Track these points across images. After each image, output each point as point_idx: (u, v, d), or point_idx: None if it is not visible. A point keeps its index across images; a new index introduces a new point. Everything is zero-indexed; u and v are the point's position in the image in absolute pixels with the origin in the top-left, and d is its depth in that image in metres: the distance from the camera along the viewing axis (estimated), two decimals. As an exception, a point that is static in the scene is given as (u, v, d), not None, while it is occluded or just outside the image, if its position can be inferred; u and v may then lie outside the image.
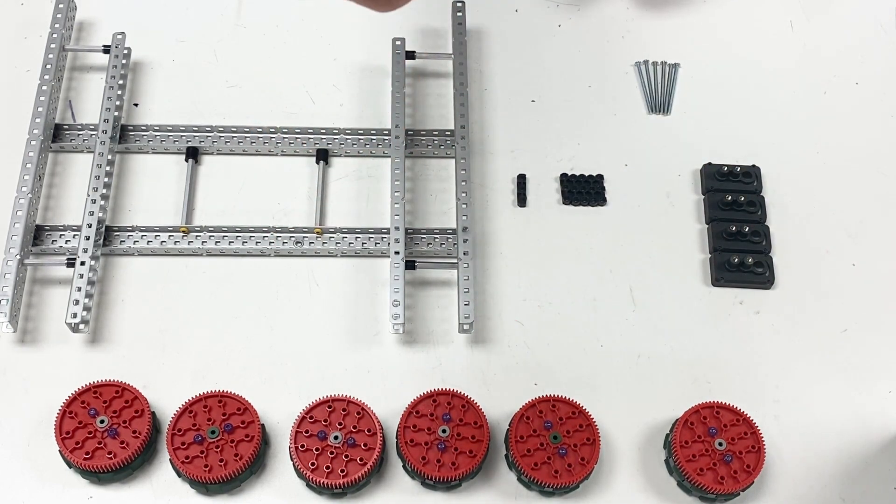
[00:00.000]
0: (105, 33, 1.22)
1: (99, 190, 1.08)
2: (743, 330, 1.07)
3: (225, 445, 0.95)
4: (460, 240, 1.07)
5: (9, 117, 1.15)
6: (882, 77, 1.24)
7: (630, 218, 1.13)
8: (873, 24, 1.28)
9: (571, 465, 0.95)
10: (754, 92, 1.22)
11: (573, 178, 1.14)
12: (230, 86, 1.20)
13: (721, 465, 0.96)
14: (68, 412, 0.95)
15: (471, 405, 0.97)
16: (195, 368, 1.02)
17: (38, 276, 1.07)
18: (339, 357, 1.04)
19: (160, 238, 1.08)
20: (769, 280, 1.09)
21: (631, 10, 1.27)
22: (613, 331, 1.06)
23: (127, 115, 1.17)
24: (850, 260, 1.11)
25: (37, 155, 1.09)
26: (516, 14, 1.26)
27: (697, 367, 1.05)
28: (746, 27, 1.27)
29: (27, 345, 1.03)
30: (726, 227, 1.10)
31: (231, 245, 1.08)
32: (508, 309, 1.07)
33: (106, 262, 1.08)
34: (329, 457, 0.94)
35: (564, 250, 1.11)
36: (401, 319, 1.02)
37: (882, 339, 1.07)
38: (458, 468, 0.95)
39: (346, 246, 1.09)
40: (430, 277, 1.09)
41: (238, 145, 1.15)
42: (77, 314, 1.00)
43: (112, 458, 0.94)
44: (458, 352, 1.05)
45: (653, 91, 1.21)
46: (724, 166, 1.14)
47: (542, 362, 1.04)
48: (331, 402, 0.97)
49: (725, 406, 0.98)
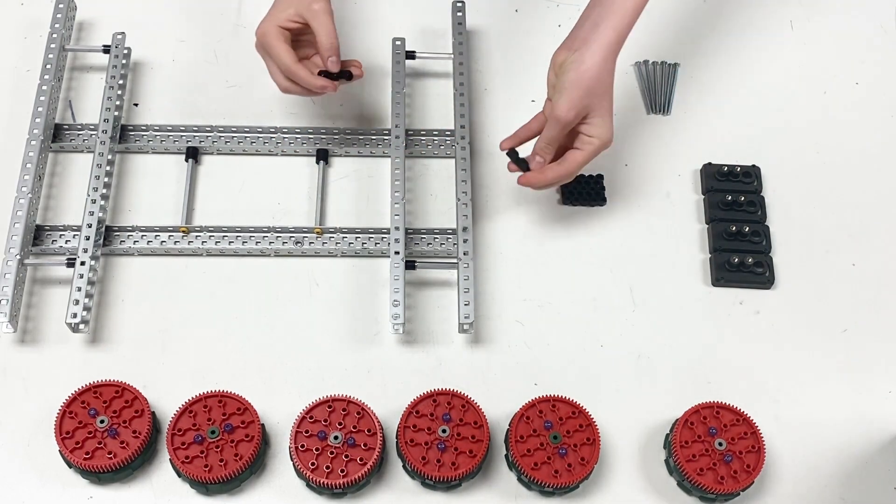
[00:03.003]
0: (105, 33, 1.22)
1: (99, 190, 1.08)
2: (743, 330, 1.07)
3: (225, 445, 0.95)
4: (460, 240, 1.07)
5: (9, 117, 1.15)
6: (882, 77, 1.24)
7: (630, 218, 1.13)
8: (873, 24, 1.28)
9: (571, 465, 0.95)
10: (754, 92, 1.22)
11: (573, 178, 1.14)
12: (230, 86, 1.20)
13: (721, 465, 0.95)
14: (68, 412, 0.95)
15: (471, 405, 0.97)
16: (195, 368, 1.02)
17: (38, 276, 1.07)
18: (339, 357, 1.04)
19: (160, 238, 1.08)
20: (769, 280, 1.09)
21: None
22: (613, 331, 1.06)
23: (127, 115, 1.17)
24: (850, 260, 1.11)
25: (37, 155, 1.09)
26: (516, 14, 1.26)
27: (697, 367, 1.05)
28: (746, 27, 1.27)
29: (27, 345, 1.03)
30: (726, 227, 1.10)
31: (231, 245, 1.08)
32: (508, 309, 1.07)
33: (106, 262, 1.08)
34: (329, 457, 0.94)
35: (564, 250, 1.11)
36: (401, 319, 1.02)
37: (882, 339, 1.07)
38: (458, 468, 0.95)
39: (346, 246, 1.09)
40: (430, 277, 1.09)
41: (238, 145, 1.15)
42: (77, 314, 1.00)
43: (112, 458, 0.94)
44: (458, 352, 1.05)
45: (653, 91, 1.21)
46: (724, 166, 1.14)
47: (542, 362, 1.04)
48: (331, 402, 0.97)
49: (725, 406, 0.98)
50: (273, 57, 1.04)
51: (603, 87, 1.00)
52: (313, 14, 1.03)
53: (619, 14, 1.00)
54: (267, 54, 1.05)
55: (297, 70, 1.03)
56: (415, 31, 1.24)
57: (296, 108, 1.18)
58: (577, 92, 0.99)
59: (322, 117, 1.17)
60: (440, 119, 1.18)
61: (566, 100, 0.99)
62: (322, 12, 1.02)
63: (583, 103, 0.99)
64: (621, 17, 1.00)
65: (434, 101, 1.20)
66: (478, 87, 1.21)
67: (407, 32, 1.22)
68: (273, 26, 1.03)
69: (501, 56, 1.23)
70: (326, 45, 1.03)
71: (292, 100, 1.18)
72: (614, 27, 0.99)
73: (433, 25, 1.25)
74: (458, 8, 1.22)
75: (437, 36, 1.24)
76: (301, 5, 1.03)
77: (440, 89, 1.21)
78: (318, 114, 1.18)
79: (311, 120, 1.17)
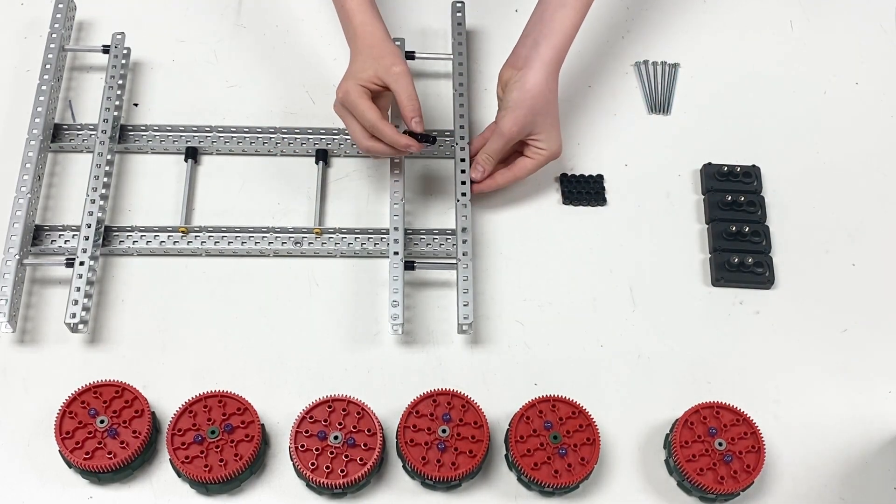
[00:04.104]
0: (105, 33, 1.22)
1: (98, 190, 1.08)
2: (743, 330, 1.07)
3: (225, 445, 0.95)
4: (459, 240, 1.07)
5: (9, 117, 1.15)
6: (882, 77, 1.24)
7: (630, 218, 1.13)
8: (873, 24, 1.28)
9: (571, 465, 0.95)
10: (754, 92, 1.22)
11: (573, 178, 1.14)
12: (230, 86, 1.20)
13: (721, 465, 0.95)
14: (68, 412, 0.95)
15: (471, 405, 0.97)
16: (195, 368, 1.02)
17: (37, 275, 1.07)
18: (338, 357, 1.04)
19: (159, 238, 1.08)
20: (769, 280, 1.09)
21: (631, 10, 1.27)
22: (613, 331, 1.06)
23: (127, 115, 1.17)
24: (850, 260, 1.11)
25: (36, 155, 1.09)
26: (516, 14, 1.26)
27: (697, 367, 1.05)
28: (746, 27, 1.27)
29: (26, 345, 1.03)
30: (726, 227, 1.10)
31: (230, 245, 1.08)
32: (508, 309, 1.07)
33: (105, 262, 1.08)
34: (329, 457, 0.94)
35: (564, 250, 1.11)
36: (400, 320, 1.02)
37: (882, 339, 1.07)
38: (458, 468, 0.95)
39: (346, 246, 1.09)
40: (429, 278, 1.08)
41: (238, 145, 1.14)
42: (76, 314, 1.00)
43: (112, 458, 0.94)
44: (458, 352, 1.05)
45: (653, 91, 1.21)
46: (724, 166, 1.14)
47: (542, 362, 1.04)
48: (331, 402, 0.97)
49: (725, 406, 0.98)
50: (357, 115, 1.03)
51: (546, 103, 1.06)
52: (394, 77, 1.03)
53: (558, 33, 1.06)
54: (348, 113, 1.04)
55: (384, 127, 1.02)
56: (414, 32, 1.24)
57: (295, 108, 1.18)
58: (520, 111, 1.05)
59: (321, 118, 1.17)
60: (439, 119, 1.18)
61: (511, 118, 1.06)
62: (402, 75, 1.03)
63: (527, 120, 1.06)
64: (560, 35, 1.06)
65: (434, 102, 1.20)
66: (477, 87, 1.21)
67: (406, 33, 1.22)
68: (355, 85, 1.03)
69: (501, 56, 1.22)
70: (409, 107, 1.03)
71: (292, 100, 1.18)
72: (553, 46, 1.05)
73: (433, 25, 1.25)
74: (457, 8, 1.22)
75: (437, 36, 1.24)
76: (380, 68, 1.03)
77: (440, 89, 1.21)
78: (318, 114, 1.18)
79: (310, 120, 1.17)
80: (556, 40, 1.05)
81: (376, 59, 1.03)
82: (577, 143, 1.17)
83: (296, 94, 1.19)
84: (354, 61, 1.05)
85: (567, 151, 1.16)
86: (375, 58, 1.03)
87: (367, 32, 1.05)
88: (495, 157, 1.08)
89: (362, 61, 1.04)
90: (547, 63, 1.05)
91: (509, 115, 1.05)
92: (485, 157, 1.08)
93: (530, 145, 1.08)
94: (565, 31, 1.06)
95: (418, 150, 1.04)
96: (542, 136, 1.07)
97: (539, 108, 1.05)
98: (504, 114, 1.06)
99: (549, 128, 1.07)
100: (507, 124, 1.05)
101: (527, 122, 1.05)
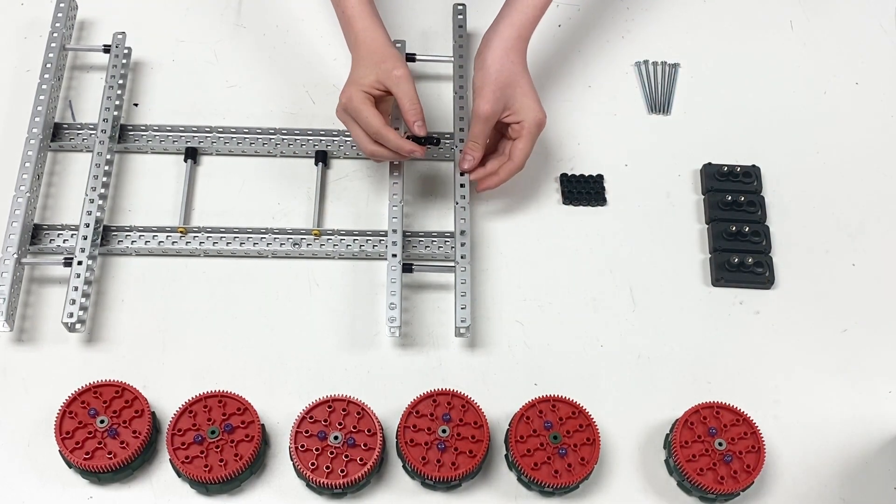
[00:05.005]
0: (105, 33, 1.22)
1: (97, 189, 1.08)
2: (743, 330, 1.07)
3: (225, 445, 0.95)
4: (457, 243, 1.06)
5: (9, 117, 1.15)
6: (882, 77, 1.24)
7: (630, 218, 1.13)
8: (873, 24, 1.28)
9: (571, 465, 0.95)
10: (754, 92, 1.22)
11: (573, 178, 1.14)
12: (230, 86, 1.20)
13: (721, 465, 0.95)
14: (68, 412, 0.95)
15: (471, 405, 0.97)
16: (195, 368, 1.02)
17: (35, 275, 1.07)
18: (338, 357, 1.04)
19: (158, 238, 1.08)
20: (769, 280, 1.09)
21: (631, 10, 1.27)
22: (613, 331, 1.06)
23: (127, 114, 1.17)
24: (850, 260, 1.11)
25: (36, 154, 1.09)
26: (516, 14, 1.26)
27: (697, 367, 1.05)
28: (746, 27, 1.27)
29: (25, 344, 1.03)
30: (726, 227, 1.10)
31: (229, 246, 1.08)
32: (508, 309, 1.07)
33: (104, 261, 1.08)
34: (329, 457, 0.94)
35: (564, 250, 1.11)
36: (397, 322, 1.02)
37: (882, 339, 1.07)
38: (458, 468, 0.95)
39: (344, 248, 1.09)
40: (428, 280, 1.08)
41: (237, 146, 1.14)
42: (73, 314, 1.00)
43: (112, 458, 0.94)
44: (458, 352, 1.05)
45: (653, 91, 1.21)
46: (724, 166, 1.14)
47: (542, 362, 1.04)
48: (331, 402, 0.97)
49: (725, 406, 0.98)
50: (361, 121, 1.03)
51: (511, 75, 1.06)
52: (395, 81, 1.03)
53: (519, 11, 1.07)
54: (352, 119, 1.04)
55: (387, 133, 1.03)
56: (415, 34, 1.24)
57: (295, 108, 1.18)
58: (486, 88, 1.05)
59: (321, 118, 1.17)
60: (440, 121, 1.18)
61: (480, 98, 1.05)
62: (404, 78, 1.03)
63: (495, 96, 1.05)
64: (519, 14, 1.07)
65: (434, 103, 1.20)
66: (477, 87, 1.21)
67: (407, 34, 1.22)
68: (358, 91, 1.03)
69: (501, 56, 1.23)
70: (411, 111, 1.03)
71: (292, 100, 1.18)
72: (512, 23, 1.07)
73: (433, 27, 1.25)
74: (458, 10, 1.22)
75: (437, 38, 1.24)
76: (382, 72, 1.03)
77: (440, 91, 1.21)
78: (318, 115, 1.18)
79: (310, 121, 1.17)
80: (515, 18, 1.06)
81: (377, 63, 1.03)
82: (578, 143, 1.17)
83: (296, 94, 1.19)
84: (356, 67, 1.05)
85: (567, 151, 1.16)
86: (377, 62, 1.04)
87: (369, 38, 1.05)
88: (480, 142, 1.07)
89: (364, 67, 1.04)
90: (505, 39, 1.06)
91: (477, 98, 1.05)
92: (470, 144, 1.08)
93: (510, 123, 1.07)
94: (525, 11, 1.07)
95: (422, 154, 1.04)
96: (516, 107, 1.06)
97: (504, 82, 1.05)
98: (475, 97, 1.06)
99: (522, 97, 1.06)
100: (479, 105, 1.05)
101: (496, 97, 1.05)
